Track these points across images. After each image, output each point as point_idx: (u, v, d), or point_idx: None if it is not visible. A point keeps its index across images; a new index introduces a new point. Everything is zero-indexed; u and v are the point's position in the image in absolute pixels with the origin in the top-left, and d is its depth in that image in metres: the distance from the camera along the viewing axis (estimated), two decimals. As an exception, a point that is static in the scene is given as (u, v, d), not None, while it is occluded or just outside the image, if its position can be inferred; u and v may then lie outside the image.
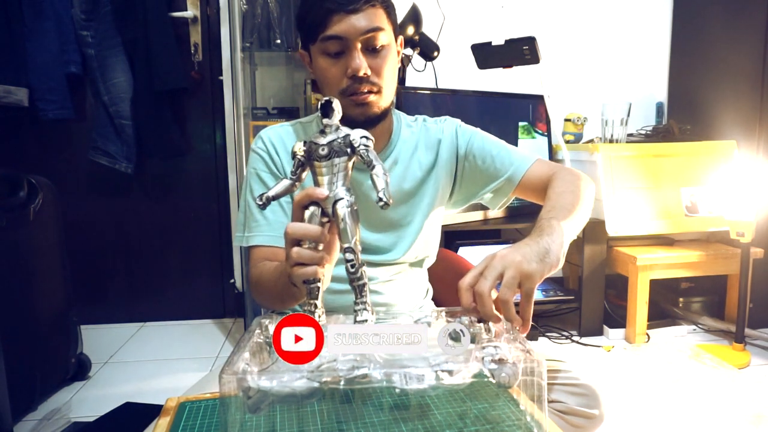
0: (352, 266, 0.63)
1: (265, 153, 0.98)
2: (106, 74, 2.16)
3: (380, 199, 0.60)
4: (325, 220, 0.65)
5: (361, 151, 0.63)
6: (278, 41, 2.04)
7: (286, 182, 0.67)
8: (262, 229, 0.96)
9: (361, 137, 0.63)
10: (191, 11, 2.30)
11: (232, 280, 2.44)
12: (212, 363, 2.01)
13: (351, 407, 0.66)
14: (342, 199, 0.63)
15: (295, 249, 0.64)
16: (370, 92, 0.90)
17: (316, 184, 0.65)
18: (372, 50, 0.89)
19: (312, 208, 0.64)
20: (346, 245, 0.63)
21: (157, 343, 2.24)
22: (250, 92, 2.27)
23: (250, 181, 0.99)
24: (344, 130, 0.64)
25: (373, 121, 0.93)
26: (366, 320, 0.63)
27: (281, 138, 1.00)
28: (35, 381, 1.63)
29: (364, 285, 0.64)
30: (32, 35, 2.09)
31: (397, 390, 0.53)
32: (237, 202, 2.29)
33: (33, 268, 1.67)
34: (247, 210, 0.98)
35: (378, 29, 0.87)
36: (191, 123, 2.40)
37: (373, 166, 0.62)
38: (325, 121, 0.64)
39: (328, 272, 0.70)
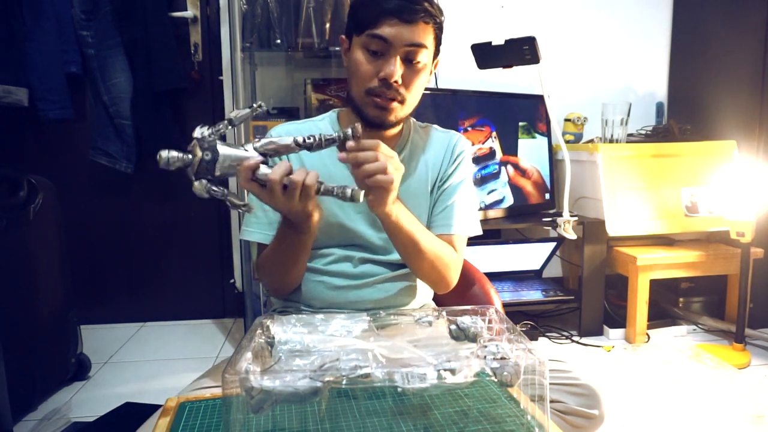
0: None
1: None
2: (106, 74, 2.16)
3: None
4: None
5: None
6: (278, 41, 2.04)
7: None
8: (263, 228, 1.01)
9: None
10: (191, 11, 2.29)
11: (232, 280, 2.44)
12: (212, 363, 2.01)
13: (353, 406, 0.66)
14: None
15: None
16: (393, 99, 0.92)
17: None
18: (409, 62, 0.92)
19: (262, 167, 0.77)
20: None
21: (157, 343, 2.24)
22: (250, 92, 2.26)
23: None
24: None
25: (386, 126, 0.96)
26: None
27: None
28: (35, 381, 1.63)
29: None
30: (32, 35, 2.09)
31: (399, 389, 0.53)
32: (237, 202, 2.29)
33: (33, 268, 1.66)
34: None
35: (422, 46, 0.91)
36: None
37: None
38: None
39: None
